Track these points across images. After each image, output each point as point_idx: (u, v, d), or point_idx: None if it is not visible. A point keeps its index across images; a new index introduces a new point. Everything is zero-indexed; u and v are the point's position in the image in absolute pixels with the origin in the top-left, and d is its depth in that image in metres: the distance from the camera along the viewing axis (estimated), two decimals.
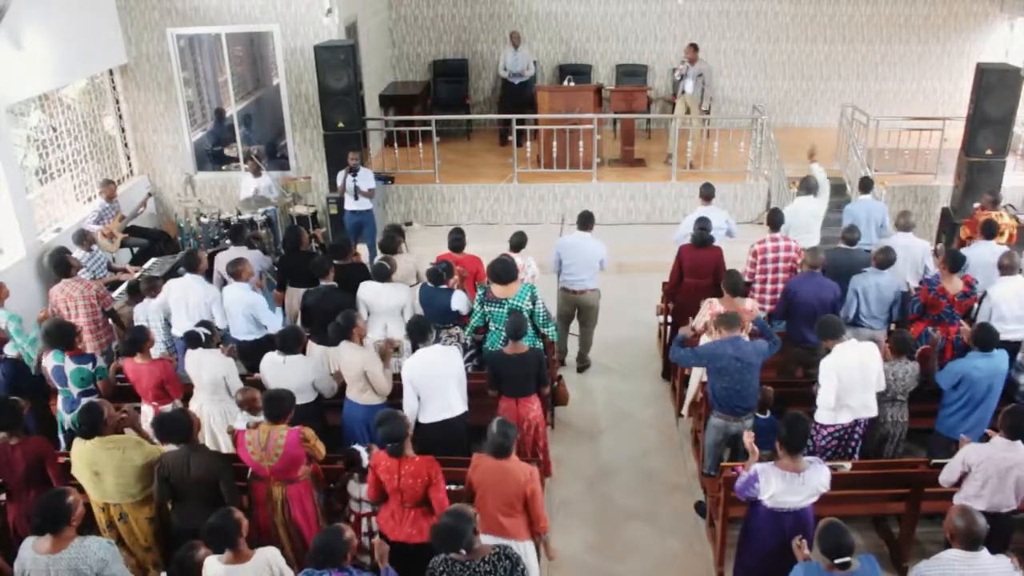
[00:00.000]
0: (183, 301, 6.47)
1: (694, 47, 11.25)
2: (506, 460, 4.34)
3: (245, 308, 6.35)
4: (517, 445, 5.38)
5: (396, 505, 4.47)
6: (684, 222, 7.66)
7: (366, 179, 9.00)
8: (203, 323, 5.76)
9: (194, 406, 5.57)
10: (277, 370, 5.38)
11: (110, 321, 6.89)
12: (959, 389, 5.30)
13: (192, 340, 5.56)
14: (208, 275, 7.45)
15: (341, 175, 8.97)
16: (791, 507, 4.34)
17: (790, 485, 4.28)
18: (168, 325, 6.69)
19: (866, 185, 7.88)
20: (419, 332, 5.34)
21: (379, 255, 6.99)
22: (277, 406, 4.66)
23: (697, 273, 6.86)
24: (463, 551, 3.61)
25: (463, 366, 5.42)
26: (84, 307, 6.72)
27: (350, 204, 9.03)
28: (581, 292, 7.12)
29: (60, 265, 6.79)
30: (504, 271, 6.04)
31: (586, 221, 7.11)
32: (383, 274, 6.34)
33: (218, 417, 5.58)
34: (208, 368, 5.49)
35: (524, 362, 5.45)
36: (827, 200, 7.89)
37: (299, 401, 5.34)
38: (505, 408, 5.48)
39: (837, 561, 3.61)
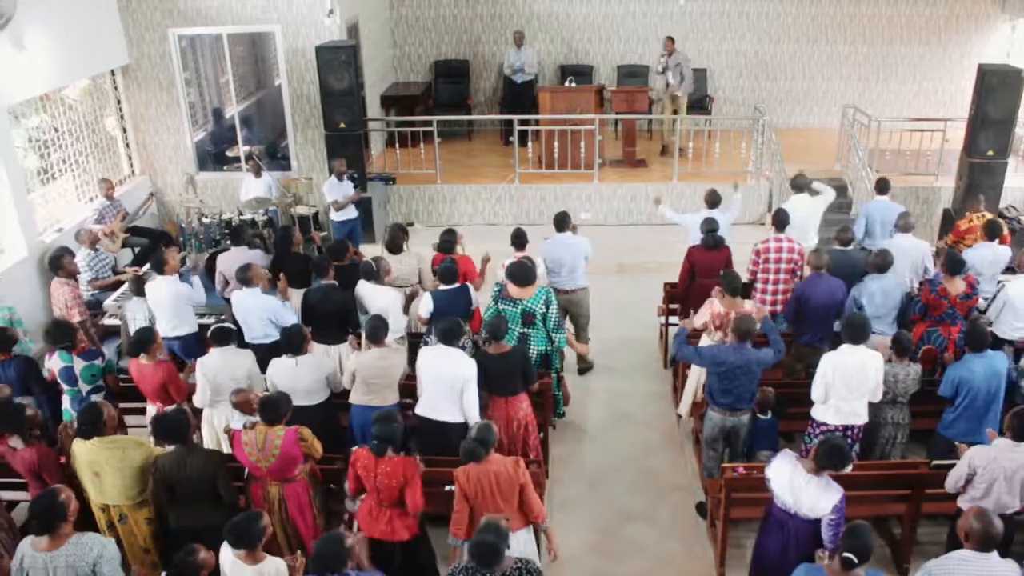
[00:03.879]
0: (156, 302, 6.49)
1: (671, 39, 11.38)
2: (486, 461, 4.34)
3: (264, 312, 6.24)
4: (508, 445, 5.40)
5: (373, 503, 4.48)
6: (689, 217, 7.59)
7: (340, 189, 8.98)
8: (221, 321, 5.69)
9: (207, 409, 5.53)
10: (290, 372, 5.31)
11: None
12: (960, 395, 5.27)
13: (218, 337, 5.42)
14: (210, 276, 7.46)
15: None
16: (795, 510, 4.33)
17: (793, 476, 4.27)
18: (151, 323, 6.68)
19: (883, 186, 7.84)
20: (450, 336, 5.22)
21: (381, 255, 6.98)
22: (274, 410, 4.64)
23: (708, 274, 6.83)
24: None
25: (474, 377, 5.22)
26: (57, 310, 6.90)
27: (334, 216, 9.11)
28: (571, 291, 7.11)
29: (53, 262, 6.96)
30: (523, 273, 6.05)
31: (561, 222, 7.08)
32: (369, 273, 6.36)
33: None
34: (235, 368, 5.39)
35: (508, 360, 5.42)
36: (827, 204, 7.86)
37: (313, 401, 5.37)
38: (495, 407, 5.48)
39: (845, 555, 3.62)
